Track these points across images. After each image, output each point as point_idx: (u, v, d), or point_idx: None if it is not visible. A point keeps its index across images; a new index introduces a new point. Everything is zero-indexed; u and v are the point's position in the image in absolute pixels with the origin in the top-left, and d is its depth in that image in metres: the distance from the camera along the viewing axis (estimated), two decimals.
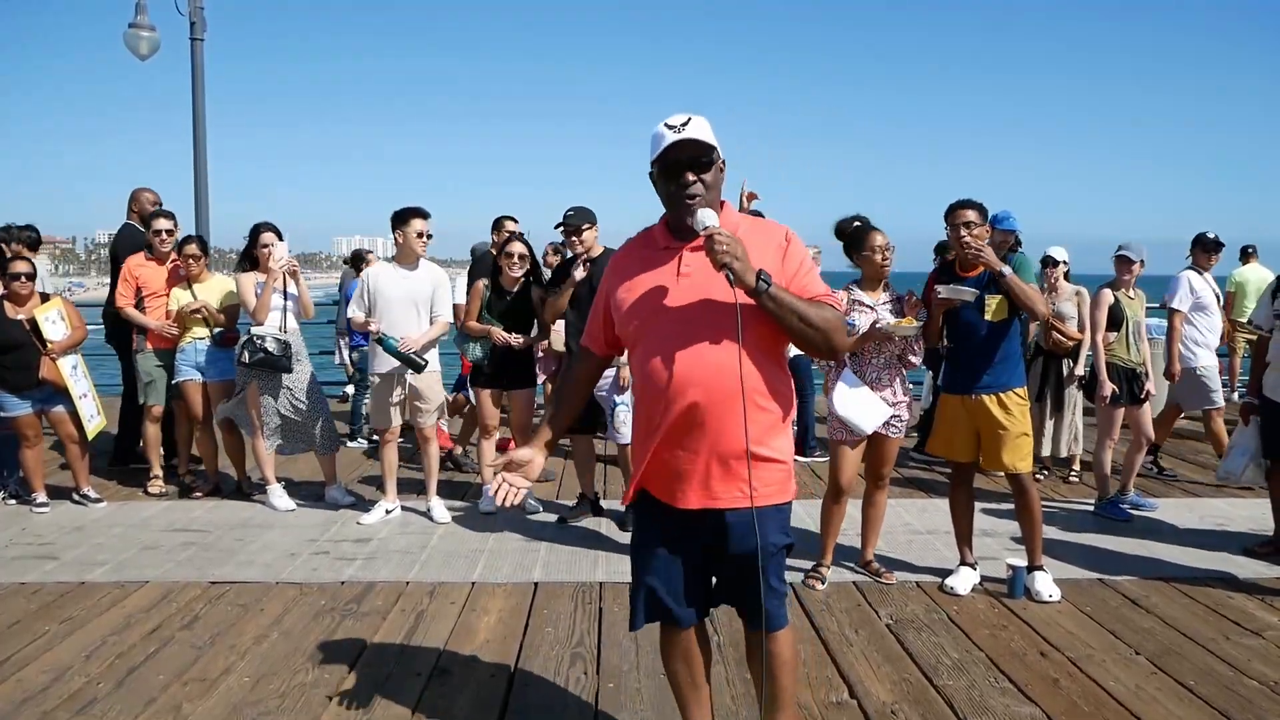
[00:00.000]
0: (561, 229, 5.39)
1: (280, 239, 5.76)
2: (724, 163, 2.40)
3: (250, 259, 5.81)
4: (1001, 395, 4.21)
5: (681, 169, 2.32)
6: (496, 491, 2.45)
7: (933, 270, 4.53)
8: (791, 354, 4.03)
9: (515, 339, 5.45)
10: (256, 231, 5.77)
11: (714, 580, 2.55)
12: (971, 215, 4.16)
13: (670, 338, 2.34)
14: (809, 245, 2.74)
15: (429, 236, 5.41)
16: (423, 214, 5.41)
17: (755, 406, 2.34)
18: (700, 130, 2.31)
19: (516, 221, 6.87)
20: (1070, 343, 6.13)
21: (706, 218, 2.27)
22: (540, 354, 5.31)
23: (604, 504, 5.76)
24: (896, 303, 4.38)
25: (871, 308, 4.34)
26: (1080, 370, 6.26)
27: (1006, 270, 4.08)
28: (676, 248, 2.40)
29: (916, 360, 4.43)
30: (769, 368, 2.38)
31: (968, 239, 4.10)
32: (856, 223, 4.45)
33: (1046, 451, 6.41)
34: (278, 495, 5.74)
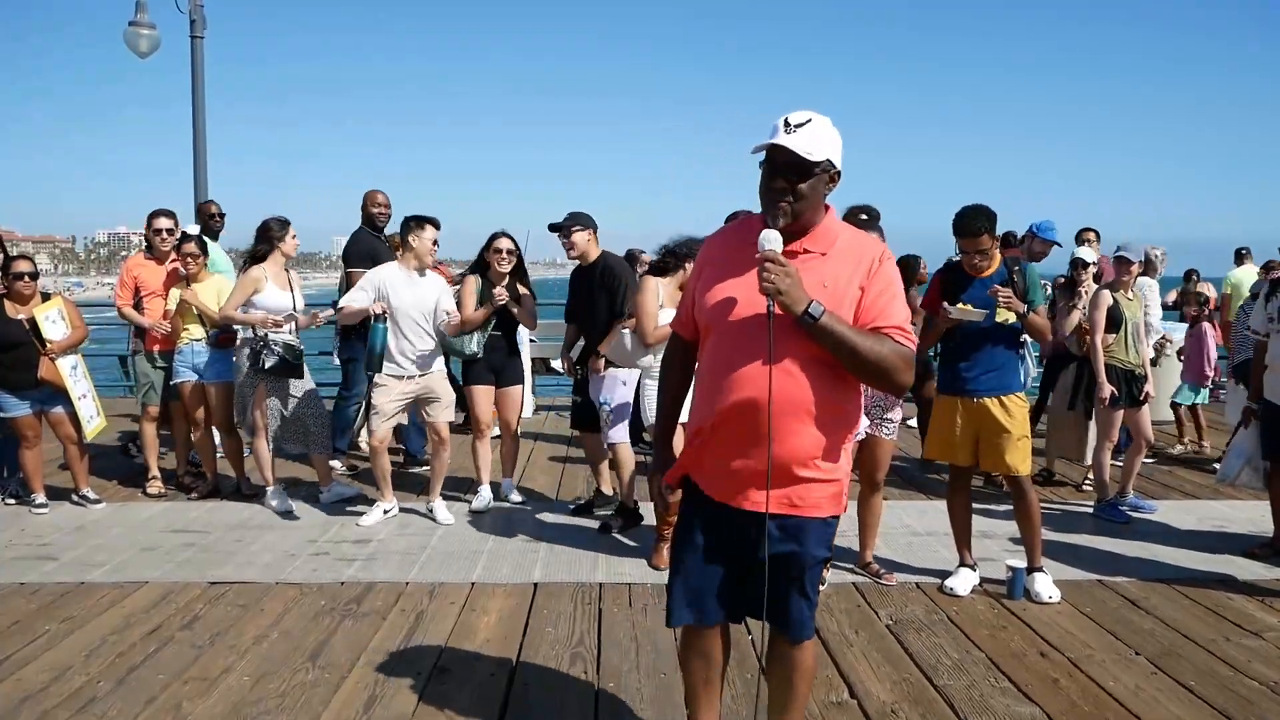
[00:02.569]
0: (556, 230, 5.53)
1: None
2: (837, 174, 2.33)
3: (256, 256, 5.76)
4: (1003, 398, 4.21)
5: (777, 172, 2.29)
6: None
7: (939, 270, 4.47)
8: None
9: (506, 298, 5.50)
10: (266, 227, 5.76)
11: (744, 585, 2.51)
12: (984, 242, 4.12)
13: (739, 334, 2.33)
14: None
15: (437, 244, 5.49)
16: (436, 223, 5.49)
17: (808, 418, 2.31)
18: (810, 138, 2.26)
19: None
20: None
21: (768, 240, 2.26)
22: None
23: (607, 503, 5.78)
24: None
25: None
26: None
27: (1028, 310, 4.13)
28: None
29: None
30: (830, 382, 2.31)
31: (1007, 300, 4.07)
32: (863, 215, 4.41)
33: (1087, 460, 6.33)
34: (276, 497, 5.74)
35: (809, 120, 2.28)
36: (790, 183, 2.28)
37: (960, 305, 4.16)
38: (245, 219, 6.82)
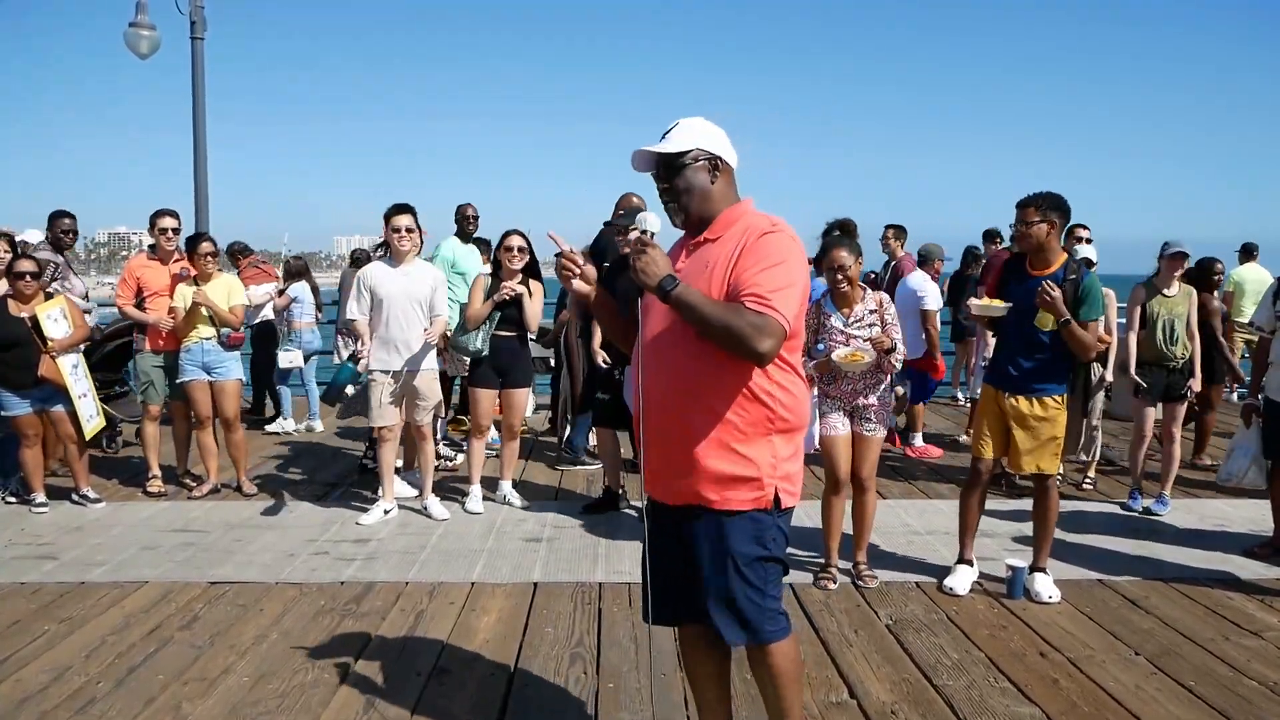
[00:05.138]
0: (609, 228, 5.61)
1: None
2: (717, 161, 2.41)
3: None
4: (1038, 399, 4.18)
5: (657, 179, 2.44)
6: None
7: (1003, 260, 4.51)
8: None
9: (519, 289, 5.50)
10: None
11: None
12: (1031, 214, 4.10)
13: (650, 331, 2.41)
14: None
15: (410, 231, 5.39)
16: (404, 209, 5.41)
17: (710, 410, 2.34)
18: (672, 137, 2.41)
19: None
20: (1101, 346, 6.08)
21: (643, 221, 2.37)
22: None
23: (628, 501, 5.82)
24: (873, 314, 4.33)
25: (841, 329, 4.31)
26: (1109, 375, 6.23)
27: (1067, 320, 4.06)
28: (684, 243, 2.49)
29: (896, 367, 4.40)
30: (729, 370, 2.33)
31: (1044, 293, 4.00)
32: (836, 230, 4.42)
33: (1080, 457, 6.35)
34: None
35: (674, 126, 2.42)
36: (667, 182, 2.41)
37: (984, 300, 4.21)
38: (247, 220, 6.84)
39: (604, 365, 5.61)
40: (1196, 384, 5.85)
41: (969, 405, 8.31)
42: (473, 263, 7.01)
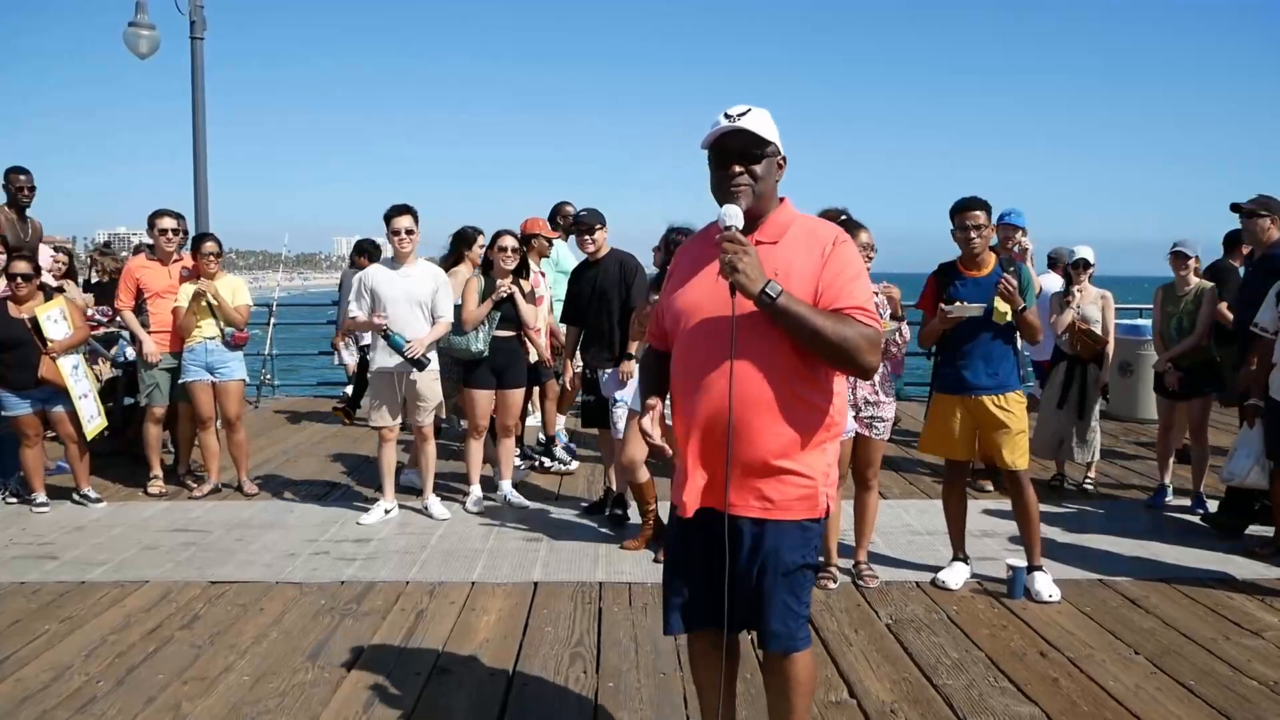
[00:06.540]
0: (574, 228, 5.60)
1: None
2: (784, 159, 2.36)
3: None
4: (1001, 396, 4.22)
5: (729, 158, 2.28)
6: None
7: (933, 272, 4.50)
8: None
9: (513, 288, 5.55)
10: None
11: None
12: (980, 217, 4.20)
13: (700, 335, 2.31)
14: None
15: (410, 232, 5.38)
16: (403, 210, 5.39)
17: (776, 416, 2.26)
18: (756, 121, 2.26)
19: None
20: (1098, 346, 6.10)
21: (729, 216, 2.22)
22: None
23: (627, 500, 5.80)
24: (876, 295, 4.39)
25: None
26: (1106, 376, 6.24)
27: (1026, 304, 4.14)
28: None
29: (898, 352, 4.45)
30: (798, 378, 2.27)
31: (1006, 285, 4.07)
32: (843, 216, 4.46)
33: (1077, 459, 6.34)
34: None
35: (749, 110, 2.29)
36: (745, 166, 2.28)
37: (958, 303, 4.19)
38: (247, 220, 6.84)
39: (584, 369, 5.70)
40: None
41: None
42: (573, 261, 7.11)
